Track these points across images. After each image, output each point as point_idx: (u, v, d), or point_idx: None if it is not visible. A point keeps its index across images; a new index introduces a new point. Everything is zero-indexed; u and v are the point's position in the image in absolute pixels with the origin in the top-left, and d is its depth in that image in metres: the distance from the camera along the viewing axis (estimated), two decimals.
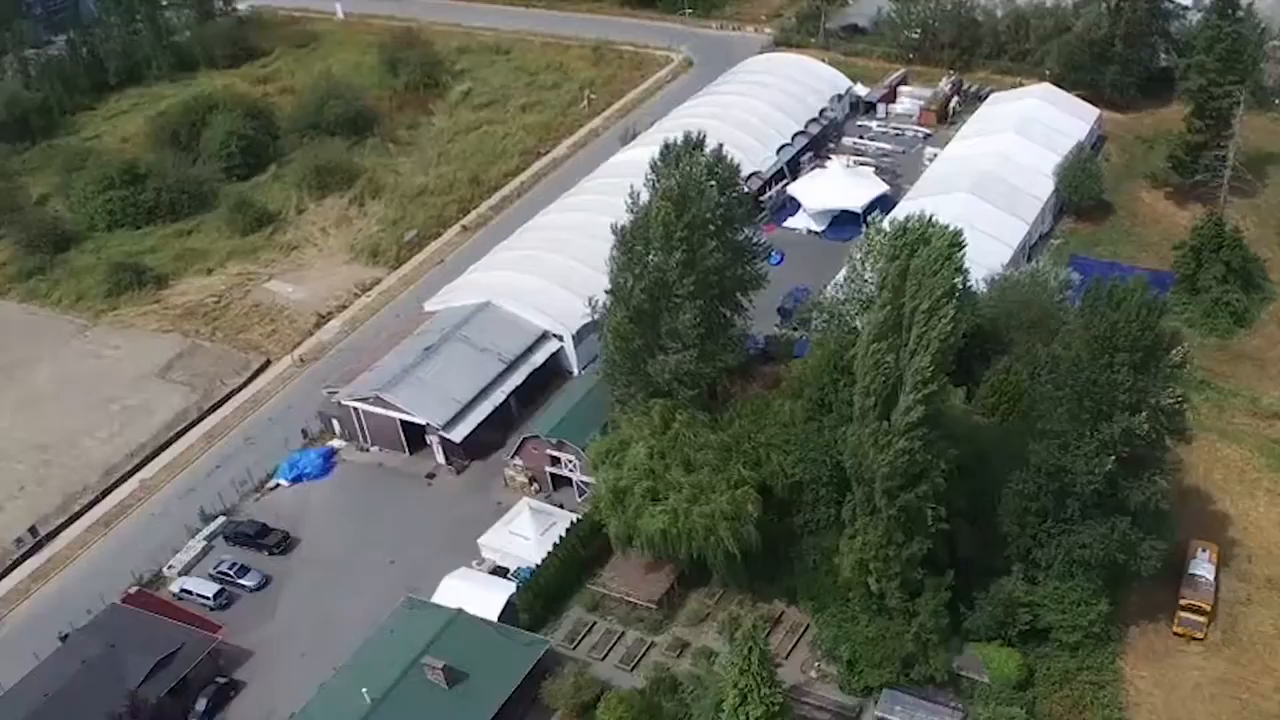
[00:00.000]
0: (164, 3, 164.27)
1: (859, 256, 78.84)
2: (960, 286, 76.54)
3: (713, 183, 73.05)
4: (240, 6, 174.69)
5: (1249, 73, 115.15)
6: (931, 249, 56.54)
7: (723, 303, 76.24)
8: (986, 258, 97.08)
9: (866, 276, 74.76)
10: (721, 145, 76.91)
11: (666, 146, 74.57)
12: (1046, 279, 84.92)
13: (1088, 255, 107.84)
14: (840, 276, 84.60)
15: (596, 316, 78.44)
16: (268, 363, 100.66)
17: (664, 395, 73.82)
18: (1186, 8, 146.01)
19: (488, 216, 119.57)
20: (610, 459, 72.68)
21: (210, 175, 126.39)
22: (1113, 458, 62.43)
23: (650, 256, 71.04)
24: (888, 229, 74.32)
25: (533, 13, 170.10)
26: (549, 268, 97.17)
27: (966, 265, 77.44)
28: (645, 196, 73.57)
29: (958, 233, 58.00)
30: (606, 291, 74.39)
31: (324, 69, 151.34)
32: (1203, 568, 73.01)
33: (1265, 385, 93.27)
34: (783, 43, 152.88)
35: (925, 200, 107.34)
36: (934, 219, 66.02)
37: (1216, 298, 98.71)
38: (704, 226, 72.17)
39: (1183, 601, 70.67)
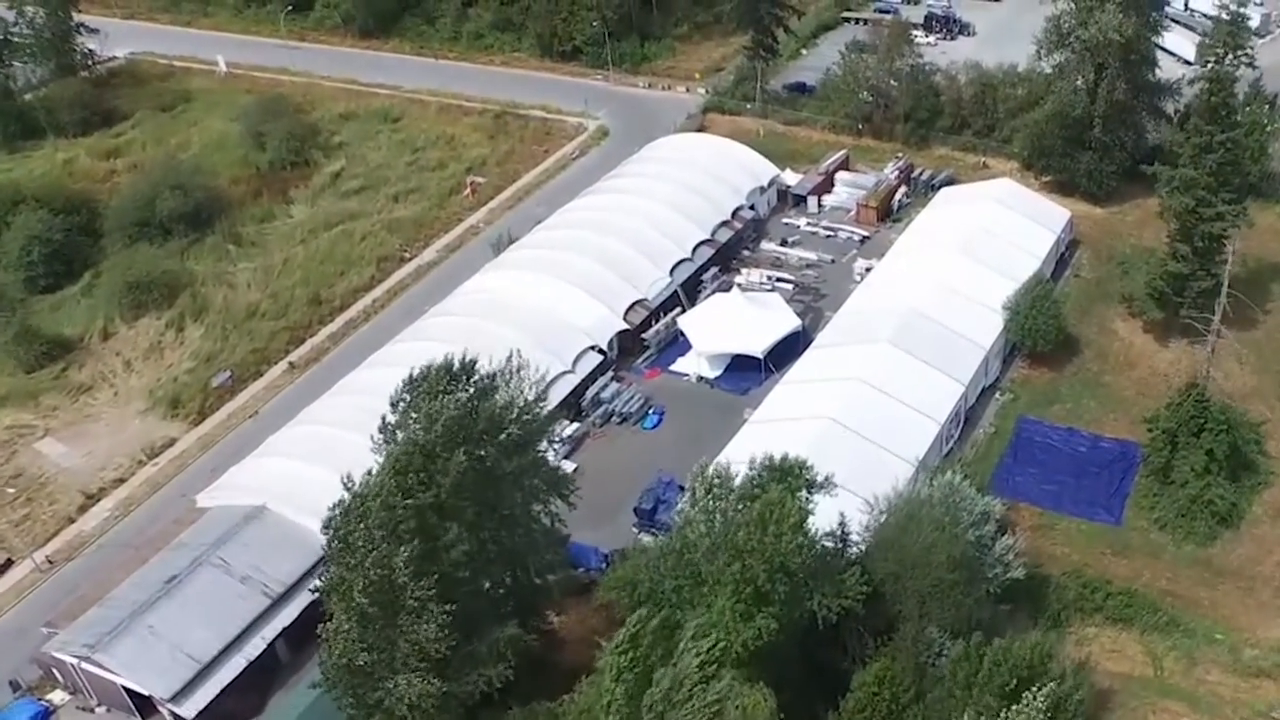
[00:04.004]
0: (23, 56, 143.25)
1: (693, 508, 58.98)
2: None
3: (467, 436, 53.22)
4: (118, 53, 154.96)
5: (1249, 180, 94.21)
6: (680, 669, 35.94)
7: (492, 593, 56.14)
8: (902, 443, 77.17)
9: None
10: (508, 367, 56.85)
11: (412, 380, 54.64)
12: (958, 514, 64.13)
13: (1040, 417, 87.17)
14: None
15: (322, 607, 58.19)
16: (9, 562, 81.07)
17: None
18: (1188, 62, 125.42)
19: (324, 349, 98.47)
20: None
21: (8, 288, 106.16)
22: None
23: (372, 550, 51.04)
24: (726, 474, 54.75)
25: (442, 66, 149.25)
26: (347, 455, 76.65)
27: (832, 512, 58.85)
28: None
29: (721, 645, 37.24)
30: (315, 591, 54.50)
31: (182, 140, 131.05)
32: None
33: (1251, 620, 72.54)
34: (714, 109, 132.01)
35: (838, 350, 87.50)
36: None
37: (1195, 495, 77.75)
38: (454, 500, 52.43)
39: None
